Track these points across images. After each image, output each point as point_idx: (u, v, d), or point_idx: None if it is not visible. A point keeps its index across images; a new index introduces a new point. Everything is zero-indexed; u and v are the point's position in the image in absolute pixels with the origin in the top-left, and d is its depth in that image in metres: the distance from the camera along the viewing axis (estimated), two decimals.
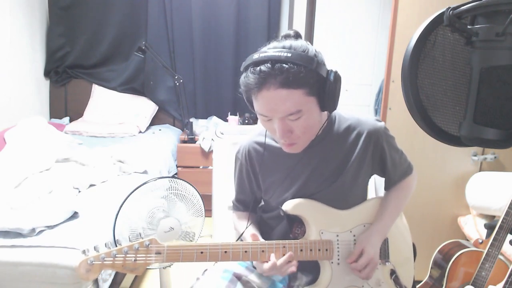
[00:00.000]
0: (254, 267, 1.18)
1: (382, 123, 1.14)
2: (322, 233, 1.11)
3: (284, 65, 0.90)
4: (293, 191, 1.14)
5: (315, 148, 1.10)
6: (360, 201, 1.20)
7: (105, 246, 0.99)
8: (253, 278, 1.16)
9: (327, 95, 0.95)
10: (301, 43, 0.95)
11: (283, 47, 0.93)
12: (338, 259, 1.11)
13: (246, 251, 1.03)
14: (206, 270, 1.18)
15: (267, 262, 1.03)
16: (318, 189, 1.13)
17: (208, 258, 1.02)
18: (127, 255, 0.98)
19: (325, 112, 1.08)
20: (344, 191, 1.13)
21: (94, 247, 0.98)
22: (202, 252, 1.01)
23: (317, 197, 1.13)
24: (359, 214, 1.17)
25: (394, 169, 1.18)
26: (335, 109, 1.00)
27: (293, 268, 1.04)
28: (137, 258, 0.98)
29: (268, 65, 0.90)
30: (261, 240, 1.11)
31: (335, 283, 1.10)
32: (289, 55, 0.90)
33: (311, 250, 1.08)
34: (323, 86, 0.94)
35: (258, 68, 0.91)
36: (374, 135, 1.11)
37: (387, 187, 1.24)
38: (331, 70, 0.96)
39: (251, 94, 0.97)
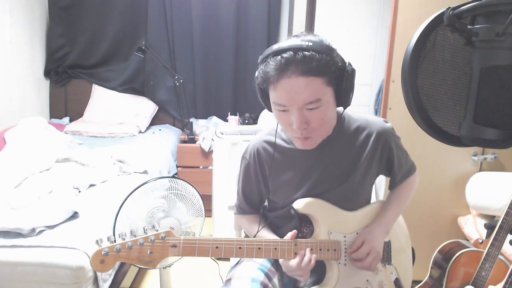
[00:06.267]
0: (270, 273, 1.17)
1: (389, 124, 1.16)
2: (330, 233, 1.11)
3: (306, 52, 0.91)
4: (304, 191, 1.14)
5: (326, 148, 1.11)
6: (365, 202, 1.21)
7: (119, 237, 0.95)
8: (275, 284, 1.16)
9: (344, 88, 0.96)
10: (319, 37, 0.97)
11: (303, 39, 0.94)
12: (345, 260, 1.11)
13: (259, 248, 1.03)
14: (229, 279, 1.15)
15: (279, 259, 1.04)
16: (327, 189, 1.14)
17: (223, 253, 1.01)
18: (143, 247, 0.94)
19: (336, 110, 1.09)
20: (352, 191, 1.14)
21: (108, 237, 0.94)
22: (217, 247, 1.00)
23: (325, 197, 1.13)
24: (364, 216, 1.18)
25: (399, 169, 1.20)
26: (349, 104, 1.01)
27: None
28: (153, 251, 0.95)
29: (291, 52, 0.92)
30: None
31: (341, 284, 1.10)
32: (310, 43, 0.92)
33: (320, 249, 1.08)
34: (341, 78, 0.96)
35: (279, 56, 0.93)
36: (383, 136, 1.13)
37: (391, 187, 1.25)
38: (349, 62, 0.97)
39: (269, 84, 0.97)
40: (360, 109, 3.62)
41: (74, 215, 1.76)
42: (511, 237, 1.39)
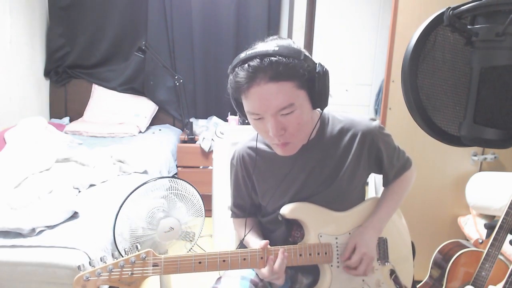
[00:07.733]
0: None
1: (376, 122, 1.12)
2: (320, 236, 1.10)
3: (272, 58, 0.89)
4: (290, 195, 1.13)
5: (310, 151, 1.09)
6: (358, 201, 1.19)
7: (101, 260, 0.96)
8: (266, 283, 1.15)
9: (317, 89, 0.94)
10: (287, 41, 0.96)
11: (270, 44, 0.94)
12: (338, 262, 1.10)
13: (244, 259, 1.02)
14: (220, 277, 1.15)
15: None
16: (315, 192, 1.12)
17: (207, 267, 0.99)
18: (124, 269, 0.95)
19: (317, 112, 1.08)
20: (342, 192, 1.12)
21: (90, 262, 0.95)
22: (200, 262, 0.99)
23: (314, 200, 1.12)
24: (357, 215, 1.16)
25: (391, 166, 1.18)
26: (326, 105, 0.99)
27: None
28: (134, 272, 0.96)
29: (257, 59, 0.90)
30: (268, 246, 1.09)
31: (336, 286, 1.09)
32: (277, 48, 0.90)
33: (310, 254, 1.07)
34: (313, 79, 0.94)
35: (247, 64, 0.91)
36: (369, 135, 1.09)
37: (385, 184, 1.23)
38: (319, 63, 0.95)
39: (240, 93, 0.95)
40: (360, 109, 3.63)
41: (74, 215, 1.76)
42: (511, 237, 1.39)
